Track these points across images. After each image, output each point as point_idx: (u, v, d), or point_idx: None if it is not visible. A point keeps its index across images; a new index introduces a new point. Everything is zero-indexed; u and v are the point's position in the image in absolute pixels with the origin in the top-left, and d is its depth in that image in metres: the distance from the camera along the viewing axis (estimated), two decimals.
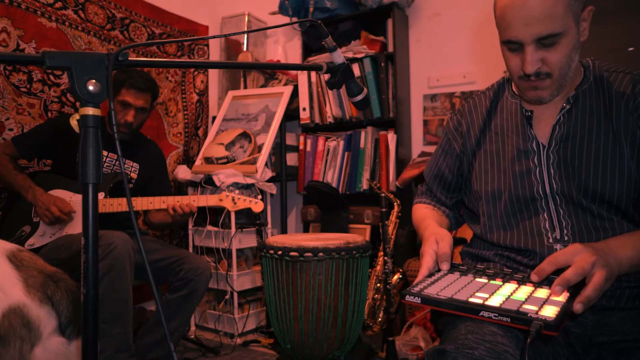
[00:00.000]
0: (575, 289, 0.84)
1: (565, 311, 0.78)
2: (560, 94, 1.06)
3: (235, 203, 2.03)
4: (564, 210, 1.03)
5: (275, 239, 1.85)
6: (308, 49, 3.04)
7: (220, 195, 2.03)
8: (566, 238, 1.01)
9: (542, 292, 0.86)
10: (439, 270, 1.00)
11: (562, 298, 0.82)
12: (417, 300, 0.86)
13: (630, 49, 2.25)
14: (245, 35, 3.23)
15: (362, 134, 2.73)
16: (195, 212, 2.01)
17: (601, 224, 1.00)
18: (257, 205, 2.05)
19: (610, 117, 1.02)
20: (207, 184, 2.56)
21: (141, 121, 2.12)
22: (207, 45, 3.28)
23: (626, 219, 1.00)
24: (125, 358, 1.74)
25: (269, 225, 2.81)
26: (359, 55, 2.71)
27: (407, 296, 0.86)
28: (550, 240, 1.03)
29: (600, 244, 0.93)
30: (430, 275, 0.97)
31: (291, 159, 2.95)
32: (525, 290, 0.87)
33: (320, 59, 2.85)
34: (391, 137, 2.65)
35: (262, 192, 2.64)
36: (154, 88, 2.11)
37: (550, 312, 0.77)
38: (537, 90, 1.03)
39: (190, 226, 2.73)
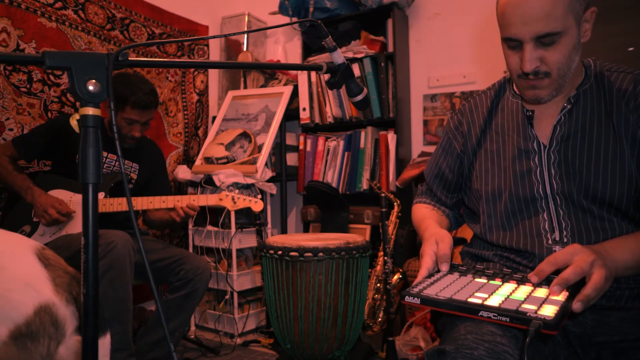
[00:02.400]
0: (574, 288, 0.84)
1: (565, 310, 0.78)
2: (561, 94, 1.06)
3: (235, 202, 2.03)
4: (564, 211, 1.03)
5: (275, 239, 1.85)
6: (308, 49, 3.04)
7: (220, 194, 2.03)
8: (565, 239, 1.01)
9: (542, 292, 0.86)
10: (438, 271, 1.00)
11: (562, 297, 0.83)
12: (417, 301, 0.86)
13: (630, 49, 2.25)
14: (245, 35, 3.23)
15: (362, 134, 2.73)
16: (198, 210, 2.02)
17: (601, 225, 1.00)
18: (257, 205, 2.05)
19: (610, 117, 1.02)
20: (207, 184, 2.56)
21: (146, 130, 2.14)
22: (207, 45, 3.28)
23: (626, 220, 1.00)
24: (124, 357, 1.74)
25: (269, 225, 2.81)
26: (359, 55, 2.71)
27: (407, 297, 0.87)
28: (550, 242, 1.02)
29: (596, 246, 0.93)
30: (429, 275, 0.97)
31: (291, 159, 2.95)
32: (524, 290, 0.87)
33: (320, 59, 2.85)
34: (391, 137, 2.65)
35: (262, 192, 2.64)
36: (157, 100, 2.10)
37: (549, 311, 0.77)
38: (536, 90, 1.03)
39: (190, 226, 2.73)
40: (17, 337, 0.97)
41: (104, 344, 1.08)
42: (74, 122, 0.73)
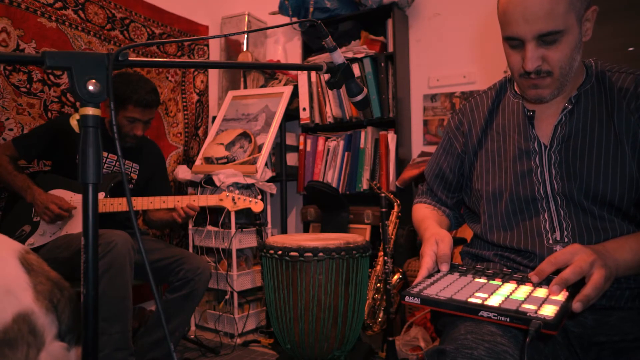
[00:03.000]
0: (574, 288, 0.84)
1: (565, 310, 0.78)
2: (562, 94, 1.06)
3: (235, 203, 2.03)
4: (565, 211, 1.03)
5: (275, 239, 1.85)
6: (308, 49, 3.04)
7: (220, 195, 2.03)
8: (566, 239, 1.01)
9: (541, 292, 0.86)
10: (438, 271, 1.00)
11: (562, 297, 0.83)
12: (417, 301, 0.86)
13: (630, 49, 2.25)
14: (245, 35, 3.23)
15: (362, 134, 2.73)
16: (198, 210, 2.02)
17: (602, 225, 1.00)
18: (257, 205, 2.05)
19: (611, 118, 1.02)
20: (207, 184, 2.56)
21: (147, 128, 2.14)
22: (207, 45, 3.28)
23: (626, 220, 1.00)
24: (124, 357, 1.74)
25: (269, 225, 2.82)
26: (359, 55, 2.71)
27: (407, 297, 0.86)
28: (550, 242, 1.02)
29: (597, 246, 0.93)
30: (429, 276, 0.97)
31: (291, 159, 2.95)
32: (524, 290, 0.87)
33: (320, 59, 2.85)
34: (391, 137, 2.65)
35: (262, 192, 2.64)
36: (159, 99, 2.11)
37: (549, 311, 0.77)
38: (538, 89, 1.03)
39: (190, 226, 2.73)
40: None
41: (79, 354, 1.09)
42: (74, 122, 0.73)
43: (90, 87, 0.72)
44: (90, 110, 0.73)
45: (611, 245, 0.93)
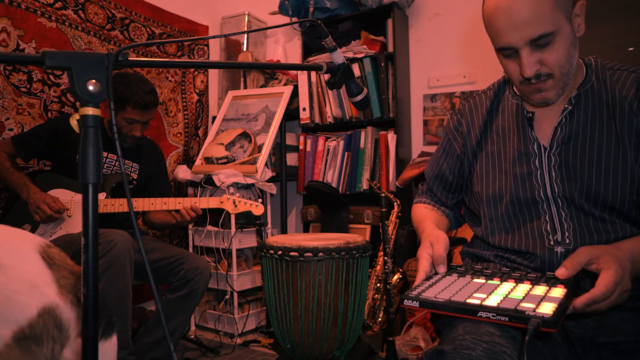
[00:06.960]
0: (573, 287, 0.85)
1: (563, 308, 0.78)
2: (563, 94, 1.06)
3: (236, 206, 2.04)
4: (566, 213, 1.02)
5: (275, 239, 1.85)
6: (308, 49, 3.04)
7: (221, 197, 2.04)
8: (567, 241, 1.01)
9: (540, 290, 0.86)
10: (436, 273, 1.00)
11: (560, 294, 0.82)
12: (415, 304, 0.85)
13: (630, 49, 2.25)
14: (245, 35, 3.23)
15: (362, 134, 2.74)
16: (201, 214, 2.03)
17: (603, 226, 0.99)
18: (257, 209, 2.05)
19: (613, 118, 1.01)
20: (207, 184, 2.57)
21: (146, 129, 2.14)
22: (207, 45, 3.28)
23: (628, 222, 1.00)
24: (123, 356, 1.75)
25: (269, 225, 2.82)
26: (359, 55, 2.71)
27: (405, 300, 0.86)
28: (552, 243, 1.02)
29: (626, 253, 0.90)
30: (428, 278, 0.97)
31: (291, 159, 2.96)
32: (522, 289, 0.87)
33: (320, 59, 2.85)
34: (391, 137, 2.65)
35: (262, 192, 2.64)
36: (157, 100, 2.11)
37: (547, 309, 0.77)
38: (542, 93, 1.02)
39: (190, 226, 2.73)
40: (21, 339, 0.96)
41: (111, 345, 1.07)
42: (74, 122, 0.74)
43: (90, 87, 0.72)
44: (90, 110, 0.73)
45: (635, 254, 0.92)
